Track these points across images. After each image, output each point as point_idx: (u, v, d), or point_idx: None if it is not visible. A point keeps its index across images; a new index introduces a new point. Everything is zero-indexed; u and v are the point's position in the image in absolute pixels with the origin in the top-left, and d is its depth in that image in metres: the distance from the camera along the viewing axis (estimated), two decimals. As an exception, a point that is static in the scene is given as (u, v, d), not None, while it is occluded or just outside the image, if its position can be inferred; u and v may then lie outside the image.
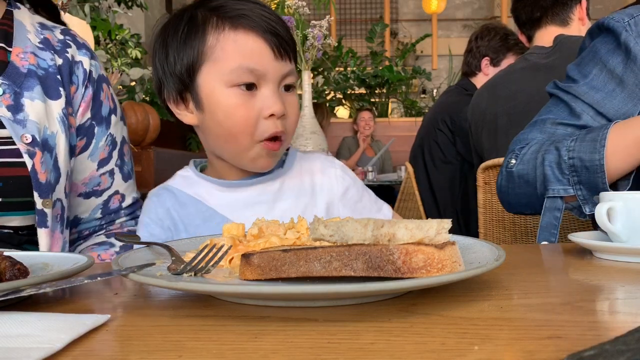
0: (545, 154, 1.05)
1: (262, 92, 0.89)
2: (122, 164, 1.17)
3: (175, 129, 4.96)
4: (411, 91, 7.59)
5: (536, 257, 0.82)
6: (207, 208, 0.97)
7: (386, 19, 9.44)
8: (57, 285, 0.52)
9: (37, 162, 0.97)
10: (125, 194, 1.19)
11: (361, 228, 0.54)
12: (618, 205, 0.77)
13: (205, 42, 0.89)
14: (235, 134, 0.90)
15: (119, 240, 0.93)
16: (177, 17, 0.95)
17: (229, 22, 0.88)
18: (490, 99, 2.11)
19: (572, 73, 1.16)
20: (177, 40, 0.91)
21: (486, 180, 1.96)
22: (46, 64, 1.05)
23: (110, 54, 3.82)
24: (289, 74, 0.92)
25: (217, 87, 0.89)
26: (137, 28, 6.95)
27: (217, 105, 0.90)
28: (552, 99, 1.18)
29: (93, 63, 1.12)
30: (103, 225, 1.18)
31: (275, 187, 0.99)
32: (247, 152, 0.93)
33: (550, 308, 0.50)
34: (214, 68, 0.89)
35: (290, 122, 0.93)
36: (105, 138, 1.13)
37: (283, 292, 0.48)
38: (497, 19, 10.05)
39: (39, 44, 1.06)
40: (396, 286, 0.48)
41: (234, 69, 0.87)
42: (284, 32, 0.91)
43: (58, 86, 1.05)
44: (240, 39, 0.88)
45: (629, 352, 0.31)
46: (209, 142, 0.98)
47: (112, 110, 1.15)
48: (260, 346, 0.41)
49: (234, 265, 0.64)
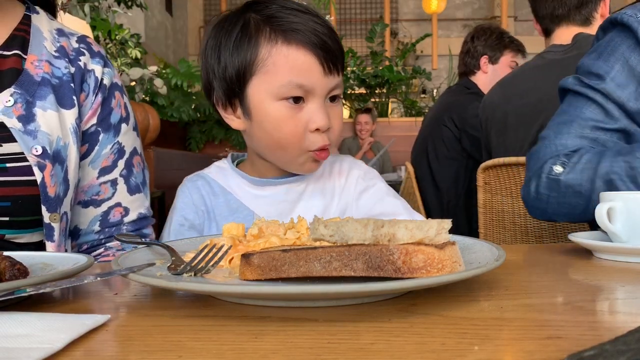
0: (613, 167, 0.98)
1: (309, 105, 0.91)
2: (128, 174, 1.11)
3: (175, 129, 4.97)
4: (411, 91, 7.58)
5: (536, 257, 0.82)
6: (236, 200, 1.01)
7: (386, 18, 9.45)
8: (57, 285, 0.52)
9: (47, 175, 0.94)
10: (129, 207, 1.11)
11: (361, 228, 0.54)
12: (618, 205, 0.77)
13: (257, 53, 0.90)
14: (284, 145, 0.93)
15: (119, 240, 0.93)
16: (229, 21, 0.95)
17: (282, 35, 0.89)
18: (501, 96, 2.09)
19: (594, 68, 1.10)
20: (230, 46, 0.92)
21: (486, 180, 1.95)
22: (60, 73, 1.03)
23: (110, 54, 3.82)
24: (336, 87, 0.94)
25: (266, 99, 0.91)
26: (137, 28, 6.95)
27: (265, 116, 0.92)
28: (578, 98, 1.12)
29: (106, 71, 1.10)
30: (102, 240, 1.10)
31: (301, 188, 1.03)
32: (296, 159, 0.96)
33: (551, 308, 0.50)
34: (264, 80, 0.90)
35: (335, 133, 0.96)
36: (111, 146, 1.08)
37: (283, 292, 0.48)
38: (497, 19, 10.05)
39: (55, 52, 1.04)
40: (396, 286, 0.47)
41: (284, 84, 0.89)
42: (335, 45, 0.92)
43: (72, 95, 1.03)
44: (292, 54, 0.89)
45: (629, 352, 0.31)
46: (257, 148, 1.01)
47: (123, 119, 1.11)
48: (260, 346, 0.41)
49: (234, 265, 0.64)
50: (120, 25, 4.18)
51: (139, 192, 1.13)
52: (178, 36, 10.00)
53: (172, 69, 5.28)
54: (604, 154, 1.02)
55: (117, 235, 0.85)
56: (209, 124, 5.25)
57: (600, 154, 1.03)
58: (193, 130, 5.29)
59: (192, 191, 1.03)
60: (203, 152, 5.33)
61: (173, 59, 8.72)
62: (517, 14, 10.46)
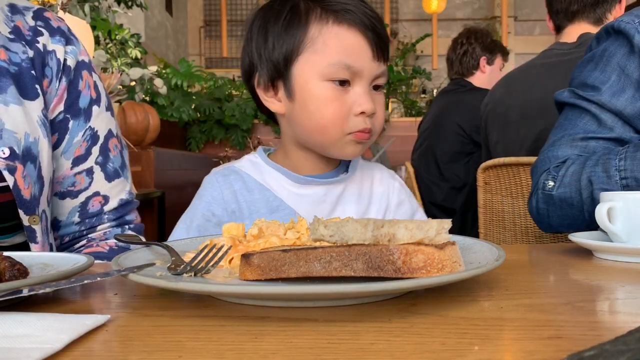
0: (592, 176, 0.99)
1: (355, 89, 0.90)
2: (105, 160, 1.02)
3: (175, 129, 4.97)
4: (411, 91, 7.58)
5: (536, 257, 0.82)
6: (275, 198, 0.98)
7: (386, 18, 9.44)
8: (57, 285, 0.52)
9: (18, 178, 0.86)
10: (108, 195, 1.03)
11: (361, 228, 0.54)
12: (618, 205, 0.77)
13: (307, 33, 0.89)
14: (325, 126, 0.92)
15: (119, 240, 0.92)
16: (279, 3, 0.94)
17: (333, 15, 0.89)
18: (505, 92, 2.10)
19: (590, 80, 1.10)
20: (279, 27, 0.91)
21: (486, 180, 1.95)
22: (18, 59, 0.91)
23: (110, 54, 3.82)
24: (382, 74, 0.93)
25: (312, 79, 0.90)
26: (137, 28, 6.95)
27: (309, 96, 0.90)
28: (573, 110, 1.11)
29: (69, 50, 0.98)
30: (83, 231, 1.04)
31: (340, 190, 1.01)
32: (337, 142, 0.94)
33: (551, 308, 0.50)
34: (312, 59, 0.89)
35: (378, 120, 0.95)
36: (82, 132, 0.99)
37: (283, 292, 0.48)
38: (497, 19, 10.05)
39: (10, 35, 0.92)
40: (396, 286, 0.47)
41: (333, 63, 0.88)
42: (384, 32, 0.92)
43: (34, 83, 0.92)
44: (342, 33, 0.88)
45: (630, 352, 0.31)
46: (296, 131, 0.98)
47: (93, 101, 1.01)
48: (260, 346, 0.41)
49: (234, 265, 0.64)
50: (120, 25, 4.18)
51: (118, 177, 1.05)
52: (178, 36, 10.00)
53: (172, 69, 5.28)
54: (586, 163, 1.02)
55: (116, 236, 0.85)
56: (209, 124, 5.25)
57: (583, 164, 1.02)
58: (193, 130, 5.29)
59: (223, 186, 0.98)
60: (203, 152, 5.32)
61: (173, 59, 8.72)
62: (517, 14, 10.46)
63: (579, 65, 1.17)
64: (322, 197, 0.99)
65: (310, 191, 0.99)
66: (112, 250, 1.02)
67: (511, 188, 1.88)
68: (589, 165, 1.01)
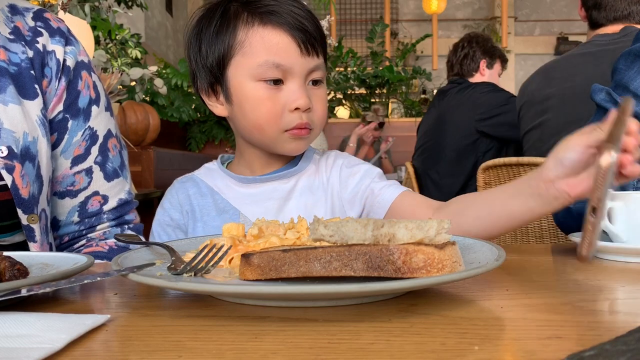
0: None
1: (288, 86, 0.93)
2: (104, 160, 1.03)
3: (175, 129, 4.97)
4: (411, 91, 7.58)
5: (536, 257, 0.82)
6: (222, 200, 1.02)
7: (386, 19, 9.43)
8: (57, 285, 0.52)
9: (17, 177, 0.88)
10: (108, 195, 1.04)
11: (361, 228, 0.54)
12: (618, 205, 0.77)
13: (235, 37, 0.93)
14: (261, 125, 0.94)
15: (118, 239, 0.92)
16: (210, 10, 0.98)
17: (258, 17, 0.92)
18: (543, 81, 2.08)
19: (633, 86, 1.04)
20: (210, 34, 0.95)
21: (486, 180, 1.95)
22: (18, 59, 0.92)
23: (110, 54, 3.82)
24: (315, 68, 0.95)
25: (244, 81, 0.93)
26: (137, 28, 6.95)
27: (244, 98, 0.94)
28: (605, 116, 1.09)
29: (68, 50, 0.99)
30: (82, 231, 1.04)
31: (291, 185, 1.02)
32: (276, 140, 0.97)
33: (551, 308, 0.50)
34: (242, 62, 0.93)
35: (318, 115, 0.96)
36: (82, 132, 1.00)
37: (283, 292, 0.48)
38: (497, 19, 10.04)
39: (9, 35, 0.93)
40: (396, 286, 0.47)
41: (261, 64, 0.91)
42: (312, 28, 0.94)
43: (33, 83, 0.93)
44: (267, 34, 0.91)
45: (629, 353, 0.31)
46: (240, 132, 1.02)
47: (93, 101, 1.02)
48: (260, 346, 0.41)
49: (234, 265, 0.64)
50: (121, 25, 4.18)
51: (117, 177, 1.06)
52: (178, 36, 10.00)
53: (172, 69, 5.28)
54: None
55: (116, 235, 0.85)
56: (209, 124, 5.25)
57: None
58: (193, 130, 5.28)
59: (179, 191, 1.04)
60: (203, 152, 5.32)
61: (173, 59, 8.72)
62: (517, 14, 10.45)
63: (624, 55, 1.10)
64: (269, 194, 1.01)
65: (256, 190, 1.01)
66: (111, 250, 1.03)
67: (511, 188, 1.87)
68: None
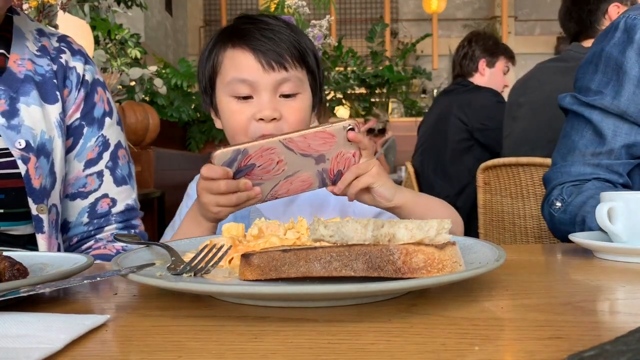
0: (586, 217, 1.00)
1: (256, 99, 1.01)
2: (114, 166, 1.14)
3: (175, 129, 4.97)
4: (411, 91, 7.59)
5: (536, 257, 0.82)
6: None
7: (386, 18, 9.44)
8: (57, 285, 0.52)
9: (31, 168, 0.97)
10: (116, 198, 1.13)
11: (361, 228, 0.54)
12: (618, 205, 0.77)
13: (217, 59, 1.05)
14: (234, 135, 1.03)
15: (118, 240, 0.93)
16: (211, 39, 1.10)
17: (230, 42, 1.03)
18: (519, 89, 2.22)
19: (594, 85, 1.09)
20: (204, 58, 1.09)
21: (486, 180, 1.96)
22: (43, 70, 1.06)
23: (110, 54, 3.82)
24: (283, 82, 1.00)
25: (222, 97, 1.04)
26: (137, 28, 6.95)
27: (222, 112, 1.05)
28: (578, 119, 1.11)
29: (87, 68, 1.13)
30: (91, 232, 1.12)
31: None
32: None
33: (551, 308, 0.50)
34: (220, 81, 1.05)
35: (290, 125, 1.01)
36: (95, 138, 1.11)
37: (283, 292, 0.48)
38: (497, 19, 10.05)
39: (37, 52, 1.07)
40: (396, 286, 0.47)
41: (230, 81, 1.01)
42: (275, 46, 1.00)
43: (55, 91, 1.05)
44: (235, 55, 1.02)
45: (630, 353, 0.31)
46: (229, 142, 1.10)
47: (106, 113, 1.14)
48: (260, 346, 0.41)
49: (233, 265, 0.64)
50: (120, 25, 4.17)
51: (125, 184, 1.15)
52: (178, 36, 10.00)
53: (172, 69, 5.27)
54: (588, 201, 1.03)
55: (116, 235, 0.85)
56: (209, 124, 5.24)
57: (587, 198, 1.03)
58: (193, 130, 5.28)
59: None
60: (203, 152, 5.32)
61: (173, 59, 8.72)
62: (517, 14, 10.46)
63: (581, 65, 1.16)
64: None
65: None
66: (119, 253, 1.05)
67: (511, 188, 1.88)
68: (589, 204, 1.01)
